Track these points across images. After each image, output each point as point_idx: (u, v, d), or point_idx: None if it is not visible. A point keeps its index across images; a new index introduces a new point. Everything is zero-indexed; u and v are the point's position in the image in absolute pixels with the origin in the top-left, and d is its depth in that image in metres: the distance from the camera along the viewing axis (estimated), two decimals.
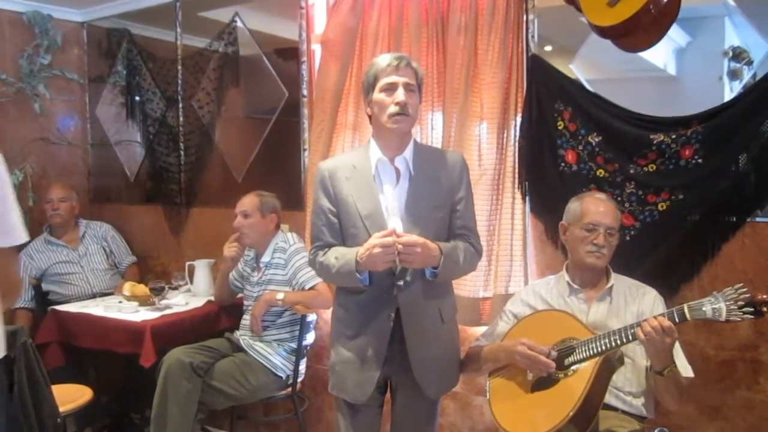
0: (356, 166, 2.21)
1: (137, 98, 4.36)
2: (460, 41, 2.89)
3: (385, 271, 2.13)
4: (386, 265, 2.07)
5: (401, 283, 2.16)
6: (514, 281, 2.85)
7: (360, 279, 2.12)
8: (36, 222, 4.15)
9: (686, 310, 1.91)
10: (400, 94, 2.11)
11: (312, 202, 2.33)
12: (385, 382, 2.31)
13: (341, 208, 2.20)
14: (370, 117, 2.23)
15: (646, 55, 2.56)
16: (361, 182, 2.19)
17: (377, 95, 2.15)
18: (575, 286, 2.32)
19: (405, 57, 2.17)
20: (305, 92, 3.55)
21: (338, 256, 2.16)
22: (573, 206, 2.35)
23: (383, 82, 2.14)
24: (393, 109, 2.12)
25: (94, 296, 3.83)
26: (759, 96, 2.32)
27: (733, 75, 2.51)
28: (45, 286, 3.89)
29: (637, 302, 2.25)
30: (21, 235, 1.95)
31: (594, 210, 2.27)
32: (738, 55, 2.50)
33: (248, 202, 3.21)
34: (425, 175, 2.20)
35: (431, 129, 3.04)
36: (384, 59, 2.17)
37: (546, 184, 2.78)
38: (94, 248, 4.08)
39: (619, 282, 2.30)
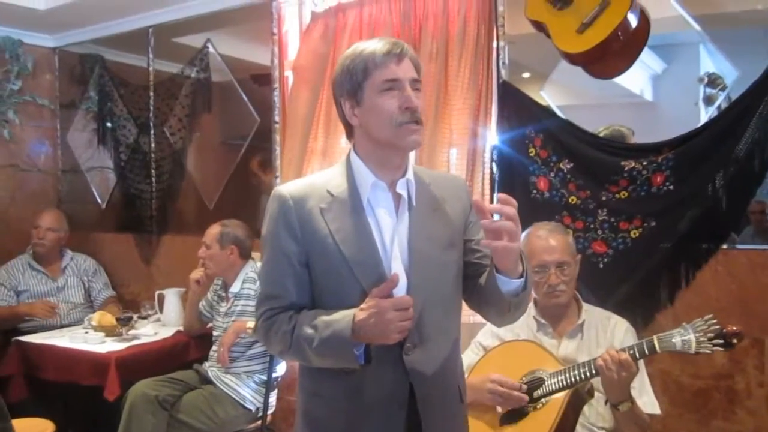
0: (335, 194, 1.56)
1: (109, 124, 4.30)
2: (431, 67, 2.87)
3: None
4: (402, 335, 1.45)
5: (412, 354, 1.51)
6: None
7: (356, 356, 1.46)
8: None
9: (656, 342, 1.87)
10: (411, 96, 1.50)
11: (265, 243, 1.61)
12: None
13: (315, 253, 1.54)
14: (349, 127, 1.60)
15: (622, 81, 2.56)
16: (346, 215, 1.54)
17: (373, 98, 1.51)
18: (543, 321, 2.26)
19: (402, 42, 1.55)
20: (277, 118, 3.51)
21: (317, 324, 1.47)
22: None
23: (381, 78, 1.50)
24: (402, 117, 1.49)
25: (62, 328, 3.73)
26: (727, 122, 2.33)
27: (709, 101, 2.51)
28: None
29: (608, 337, 2.19)
30: None
31: (540, 249, 2.18)
32: (713, 81, 2.50)
33: (210, 232, 3.16)
34: (429, 204, 1.61)
35: None
36: (379, 45, 1.52)
37: (517, 212, 2.74)
38: (74, 281, 3.97)
39: (590, 316, 2.23)
